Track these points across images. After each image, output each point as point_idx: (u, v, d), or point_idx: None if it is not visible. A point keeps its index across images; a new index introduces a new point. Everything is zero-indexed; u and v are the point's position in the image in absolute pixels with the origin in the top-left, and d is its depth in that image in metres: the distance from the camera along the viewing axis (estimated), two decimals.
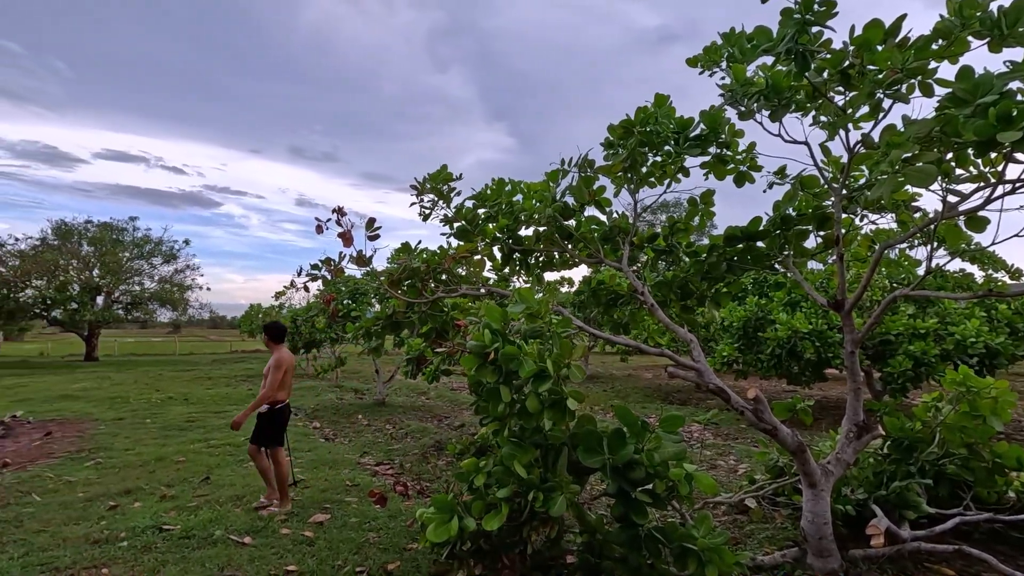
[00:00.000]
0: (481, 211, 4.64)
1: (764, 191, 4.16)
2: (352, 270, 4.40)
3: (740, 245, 4.05)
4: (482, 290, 4.47)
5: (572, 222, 4.39)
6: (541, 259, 4.88)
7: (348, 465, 6.58)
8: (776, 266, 4.18)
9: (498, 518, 2.32)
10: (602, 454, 2.55)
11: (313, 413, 10.91)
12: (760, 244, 4.04)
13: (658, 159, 4.19)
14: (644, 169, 4.21)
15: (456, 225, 4.82)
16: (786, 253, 4.00)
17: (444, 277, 4.41)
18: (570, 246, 4.55)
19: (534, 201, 4.33)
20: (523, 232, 4.67)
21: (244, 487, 5.53)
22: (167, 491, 5.41)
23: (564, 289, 20.21)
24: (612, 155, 4.12)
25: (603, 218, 4.54)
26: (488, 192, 4.59)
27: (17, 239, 27.10)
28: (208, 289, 38.22)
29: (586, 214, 4.46)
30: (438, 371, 6.80)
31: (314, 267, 4.11)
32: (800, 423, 3.78)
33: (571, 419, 2.49)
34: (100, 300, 27.68)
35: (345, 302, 11.22)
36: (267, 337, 5.22)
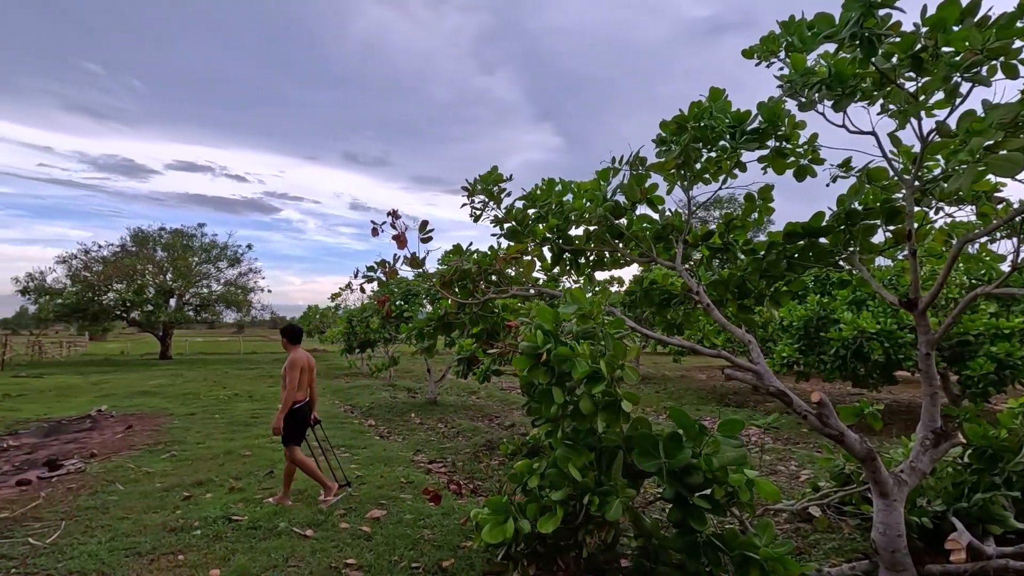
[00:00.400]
0: (531, 211, 4.65)
1: (827, 185, 3.97)
2: (406, 271, 4.52)
3: (801, 242, 3.88)
4: (531, 291, 4.48)
5: (623, 221, 4.33)
6: (591, 259, 4.84)
7: (402, 463, 6.73)
8: (840, 263, 3.98)
9: (553, 521, 2.32)
10: (658, 458, 2.50)
11: (368, 411, 11.23)
12: (823, 240, 3.86)
13: (713, 155, 4.07)
14: (698, 165, 4.10)
15: (506, 226, 4.85)
16: (852, 249, 3.80)
17: (494, 278, 4.44)
18: (621, 245, 4.49)
19: (584, 200, 4.30)
20: (573, 232, 4.65)
21: (305, 481, 5.74)
22: (235, 483, 5.70)
23: (613, 289, 19.97)
24: (664, 152, 4.03)
25: (655, 216, 4.45)
26: (538, 192, 4.59)
27: (100, 246, 29.33)
28: (269, 291, 39.94)
29: (638, 212, 4.39)
30: (489, 371, 6.86)
31: (370, 269, 4.23)
32: (868, 428, 3.58)
33: (625, 421, 2.46)
34: (172, 302, 29.48)
35: (398, 303, 11.49)
36: (284, 339, 5.39)
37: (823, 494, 4.49)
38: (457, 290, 4.55)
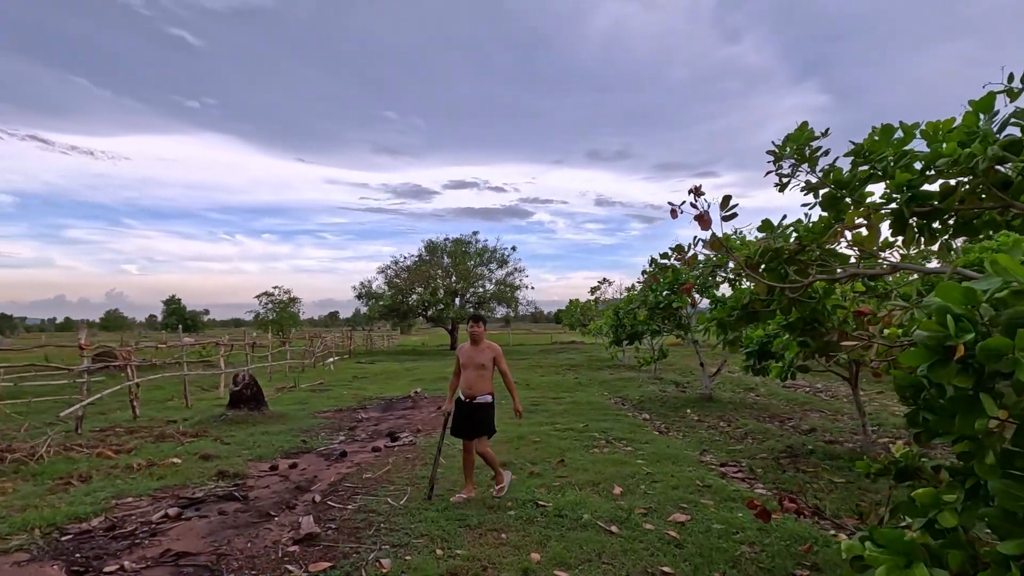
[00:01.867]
0: (861, 169, 3.72)
1: None
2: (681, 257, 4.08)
3: None
4: (855, 267, 3.56)
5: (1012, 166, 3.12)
6: (953, 222, 3.66)
7: (690, 463, 6.28)
8: None
9: None
10: None
11: (639, 404, 11.04)
12: None
13: None
14: None
15: (822, 192, 4.01)
16: None
17: (818, 255, 3.67)
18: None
19: (955, 143, 3.23)
20: (927, 188, 3.57)
21: (596, 473, 5.77)
22: (533, 468, 6.03)
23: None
24: None
25: None
26: (872, 143, 3.65)
27: (404, 257, 35.94)
28: (532, 288, 43.46)
29: None
30: (791, 367, 5.89)
31: (663, 256, 3.92)
32: None
33: None
34: (457, 301, 34.33)
35: (664, 293, 11.02)
36: (485, 327, 5.29)
37: None
38: (764, 273, 3.91)
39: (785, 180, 4.05)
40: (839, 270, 3.46)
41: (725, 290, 9.83)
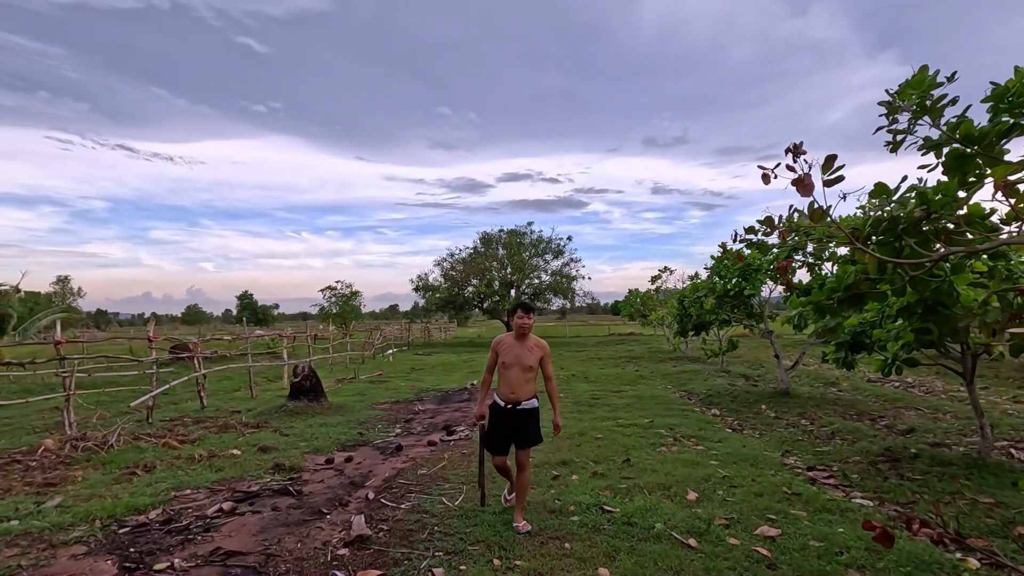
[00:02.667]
0: (1003, 120, 3.04)
1: None
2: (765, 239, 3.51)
3: None
4: (1010, 237, 2.88)
5: None
6: None
7: (772, 465, 5.66)
8: None
9: None
10: None
11: (707, 399, 10.35)
12: None
13: None
14: None
15: (946, 151, 3.34)
16: None
17: (946, 224, 3.03)
18: None
19: None
20: None
21: (666, 475, 5.27)
22: (596, 468, 5.60)
23: None
24: None
25: None
26: (1019, 85, 2.96)
27: (460, 250, 36.03)
28: (589, 279, 42.62)
29: None
30: (895, 360, 5.11)
31: (749, 230, 3.37)
32: None
33: None
34: (512, 293, 34.10)
35: (734, 281, 10.22)
36: (535, 317, 4.34)
37: None
38: (876, 247, 3.29)
39: (899, 138, 3.40)
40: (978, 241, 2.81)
41: (801, 276, 8.98)
